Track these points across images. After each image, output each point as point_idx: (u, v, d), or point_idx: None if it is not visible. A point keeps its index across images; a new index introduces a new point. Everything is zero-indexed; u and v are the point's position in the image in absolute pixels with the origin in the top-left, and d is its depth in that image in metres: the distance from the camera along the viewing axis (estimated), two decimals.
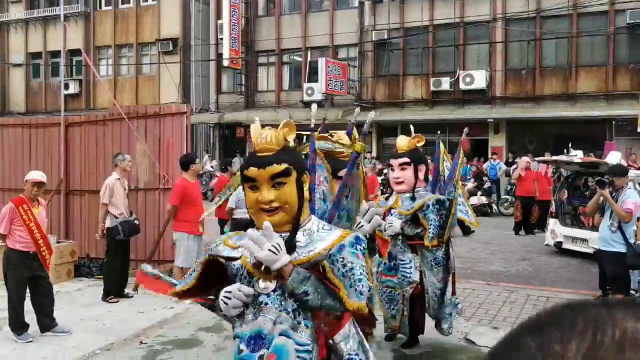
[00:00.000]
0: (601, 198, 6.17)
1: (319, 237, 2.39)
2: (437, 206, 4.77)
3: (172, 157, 8.20)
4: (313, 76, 21.60)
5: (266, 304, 2.32)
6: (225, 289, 2.36)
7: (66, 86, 16.29)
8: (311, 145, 2.75)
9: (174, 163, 8.14)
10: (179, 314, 6.47)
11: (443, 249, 5.02)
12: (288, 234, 2.39)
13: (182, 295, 2.62)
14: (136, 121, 8.50)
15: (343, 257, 2.30)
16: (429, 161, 6.22)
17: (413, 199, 4.89)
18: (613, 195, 6.10)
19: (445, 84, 19.92)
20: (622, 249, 5.88)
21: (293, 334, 2.31)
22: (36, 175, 5.67)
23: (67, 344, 5.40)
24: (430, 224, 4.71)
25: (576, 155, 10.54)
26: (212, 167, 20.99)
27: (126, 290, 7.18)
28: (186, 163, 7.23)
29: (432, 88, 20.23)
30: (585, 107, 17.95)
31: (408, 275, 4.90)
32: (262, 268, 2.28)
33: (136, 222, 7.25)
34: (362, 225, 3.55)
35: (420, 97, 20.72)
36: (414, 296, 4.97)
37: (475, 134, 19.09)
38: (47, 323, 5.62)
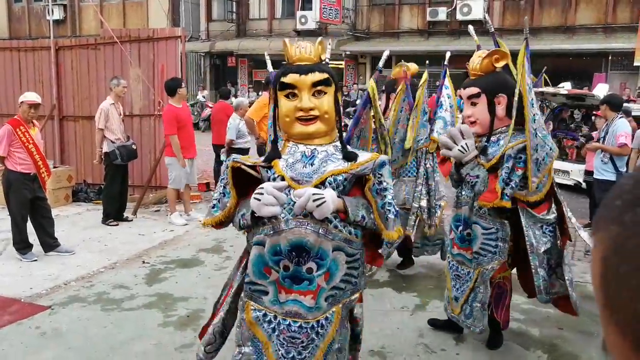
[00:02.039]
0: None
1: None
2: (521, 156, 3.29)
3: None
4: (307, 4, 21.03)
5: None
6: (258, 188, 2.15)
7: (50, 12, 15.67)
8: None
9: None
10: (179, 236, 6.59)
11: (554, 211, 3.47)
12: (326, 146, 2.31)
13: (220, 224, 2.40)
14: (129, 45, 8.31)
15: (382, 174, 2.28)
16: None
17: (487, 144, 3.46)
18: (605, 126, 6.29)
19: (442, 14, 19.50)
20: (613, 177, 6.19)
21: (345, 246, 2.23)
22: (32, 96, 5.59)
23: (71, 263, 5.51)
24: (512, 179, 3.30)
25: (563, 87, 10.50)
26: (203, 97, 20.71)
27: (125, 215, 7.28)
28: (172, 88, 7.01)
29: (428, 18, 19.80)
30: (582, 40, 17.72)
31: (492, 249, 3.45)
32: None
33: (133, 146, 7.24)
34: None
35: (415, 28, 20.34)
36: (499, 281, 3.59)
37: None
38: (50, 242, 5.71)
